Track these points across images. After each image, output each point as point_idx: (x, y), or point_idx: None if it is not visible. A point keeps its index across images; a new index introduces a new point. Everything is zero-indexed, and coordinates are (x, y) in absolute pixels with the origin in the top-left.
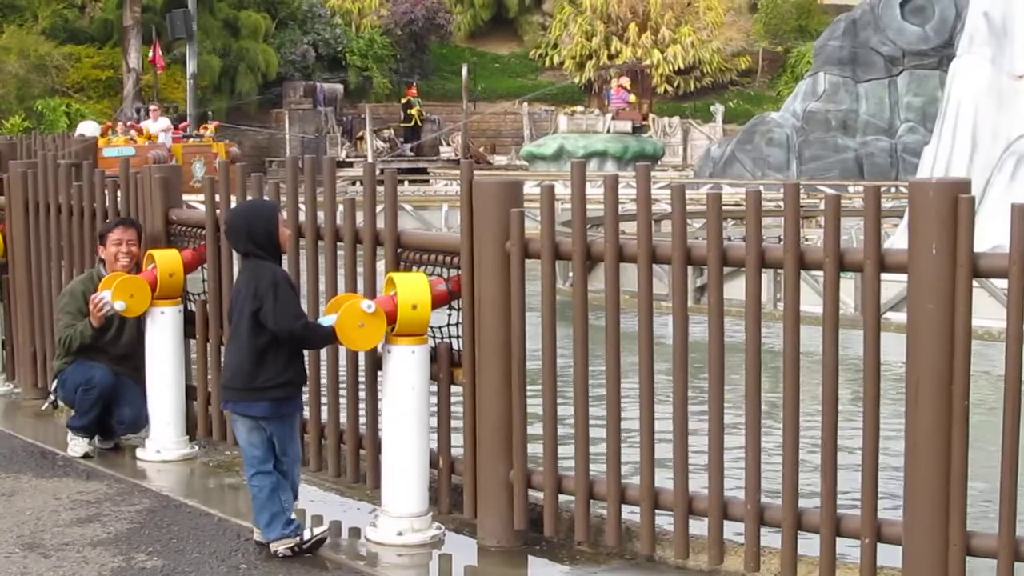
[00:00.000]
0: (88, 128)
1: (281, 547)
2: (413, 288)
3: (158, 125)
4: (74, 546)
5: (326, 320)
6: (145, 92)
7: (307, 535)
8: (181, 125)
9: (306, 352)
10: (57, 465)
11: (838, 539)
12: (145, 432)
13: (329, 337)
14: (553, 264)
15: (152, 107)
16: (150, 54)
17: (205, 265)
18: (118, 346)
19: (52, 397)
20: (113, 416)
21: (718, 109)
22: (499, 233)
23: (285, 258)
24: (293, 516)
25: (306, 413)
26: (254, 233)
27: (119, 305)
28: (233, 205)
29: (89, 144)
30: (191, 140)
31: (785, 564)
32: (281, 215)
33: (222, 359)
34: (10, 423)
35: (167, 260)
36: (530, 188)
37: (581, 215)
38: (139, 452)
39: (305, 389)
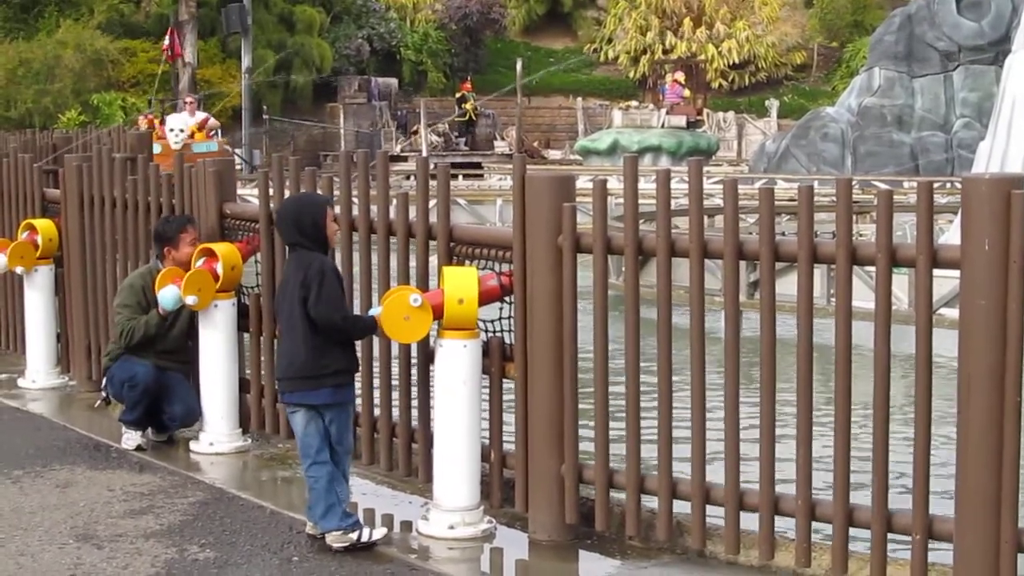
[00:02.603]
0: (176, 121)
1: (337, 543)
2: (461, 283)
3: (190, 120)
4: (127, 537)
5: (373, 311)
6: (201, 87)
7: (365, 535)
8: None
9: (358, 344)
10: (111, 457)
11: (889, 535)
12: (199, 425)
13: (371, 328)
14: (605, 259)
15: (188, 99)
16: (165, 41)
17: (257, 258)
18: (167, 341)
19: (104, 394)
20: (164, 413)
21: (773, 104)
22: (551, 228)
23: (339, 252)
24: (349, 510)
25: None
26: (302, 224)
27: (191, 299)
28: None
29: (144, 138)
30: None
31: (836, 560)
32: (331, 209)
33: (275, 352)
34: (65, 415)
35: (229, 254)
36: (583, 183)
37: (633, 210)
38: (192, 445)
39: (358, 383)
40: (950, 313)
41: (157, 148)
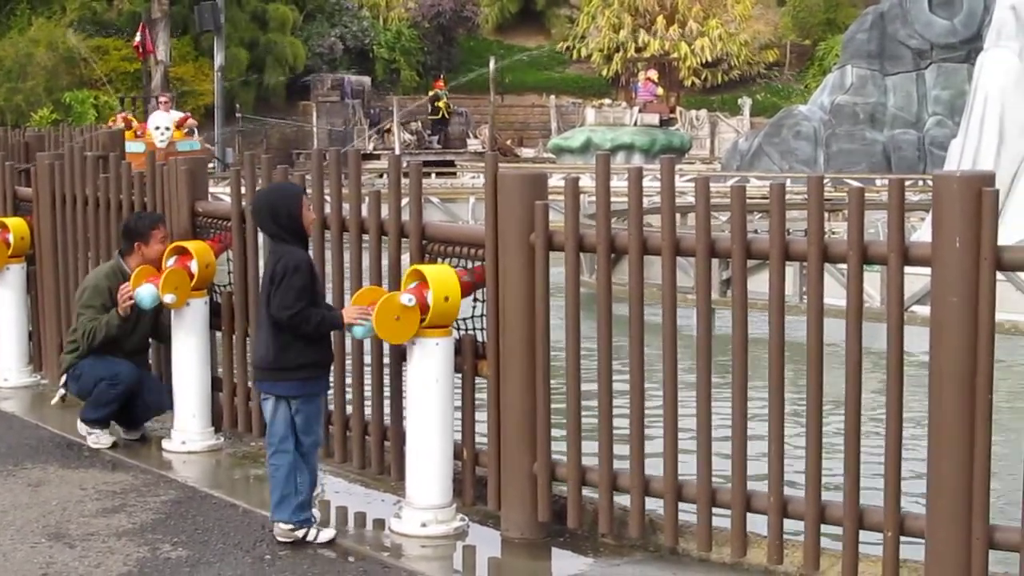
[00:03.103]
0: (160, 119)
1: (282, 536)
2: (444, 280)
3: (169, 118)
4: (99, 536)
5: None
6: (174, 85)
7: (312, 535)
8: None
9: (332, 337)
10: (83, 456)
11: (861, 532)
12: (171, 423)
13: (332, 326)
14: (578, 256)
15: (162, 97)
16: (137, 38)
17: (230, 256)
18: (132, 339)
19: (63, 391)
20: (137, 405)
21: (746, 102)
22: (524, 225)
23: (311, 250)
24: (307, 503)
25: (331, 405)
26: (277, 215)
27: (169, 298)
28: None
29: (117, 135)
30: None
31: (808, 557)
32: (306, 199)
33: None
34: (37, 414)
35: (203, 251)
36: (556, 181)
37: (606, 207)
38: (165, 443)
39: (330, 381)
40: (922, 310)
41: (140, 147)
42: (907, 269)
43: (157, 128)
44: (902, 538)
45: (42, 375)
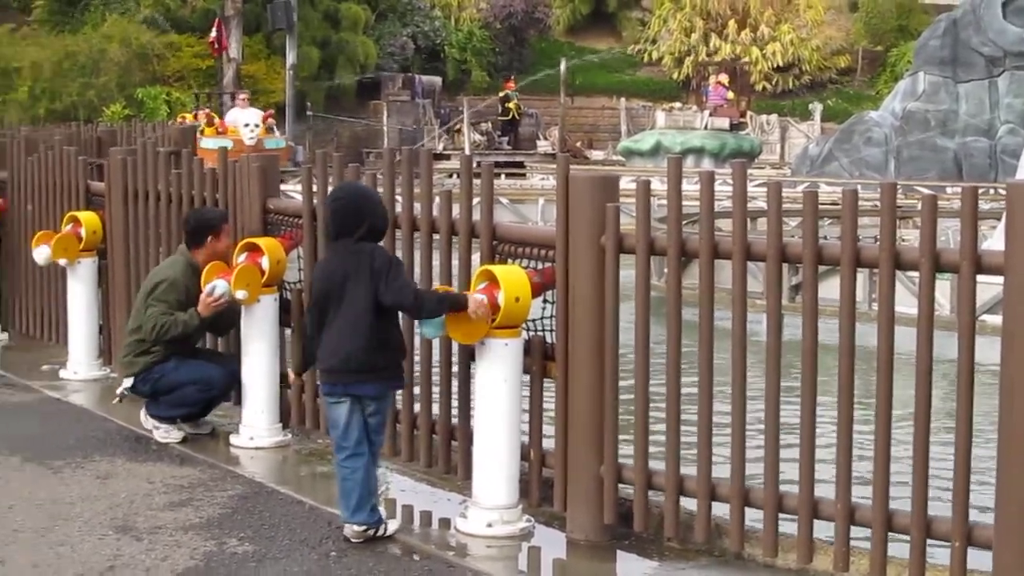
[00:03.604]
0: (249, 116)
1: (355, 536)
2: (515, 281)
3: (247, 116)
4: (166, 530)
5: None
6: (245, 83)
7: (381, 530)
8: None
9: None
10: (151, 449)
11: (929, 542)
12: (239, 418)
13: (447, 303)
14: (648, 259)
15: (241, 95)
16: (212, 34)
17: (300, 254)
18: (196, 336)
19: (126, 391)
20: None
21: (816, 107)
22: (594, 227)
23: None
24: (377, 503)
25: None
26: (377, 217)
27: (241, 294)
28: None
29: (188, 131)
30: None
31: (875, 565)
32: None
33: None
34: (105, 407)
35: (273, 248)
36: (626, 184)
37: (677, 211)
38: (232, 438)
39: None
40: (993, 319)
41: (225, 143)
42: (978, 278)
43: (247, 125)
44: (970, 548)
45: (111, 369)
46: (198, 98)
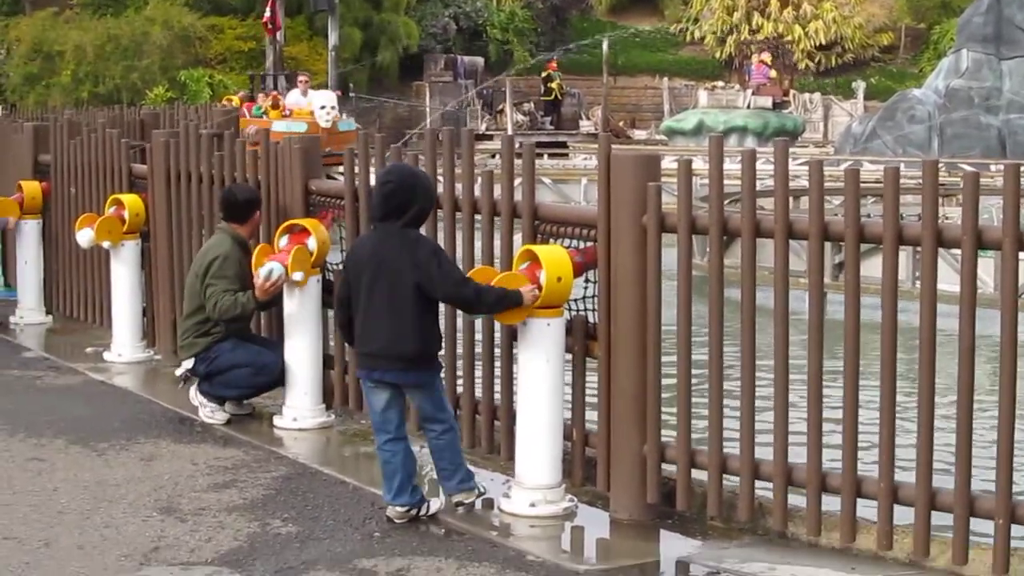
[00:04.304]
0: (325, 98)
1: (398, 517)
2: (557, 261)
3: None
4: (210, 511)
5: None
6: (288, 64)
7: (424, 509)
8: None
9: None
10: (195, 431)
11: (972, 519)
12: (282, 399)
13: (508, 300)
14: (690, 238)
15: (302, 77)
16: (267, 13)
17: (342, 235)
18: (247, 318)
19: (188, 371)
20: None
21: (859, 85)
22: (636, 207)
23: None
24: (419, 485)
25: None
26: (427, 201)
27: (298, 275)
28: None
29: (231, 114)
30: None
31: (918, 543)
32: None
33: (345, 331)
34: (150, 389)
35: (319, 229)
36: (668, 163)
37: (719, 190)
38: (276, 420)
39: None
40: None
41: (301, 126)
42: (1022, 255)
43: (323, 108)
44: (1014, 526)
45: (155, 351)
46: (252, 79)
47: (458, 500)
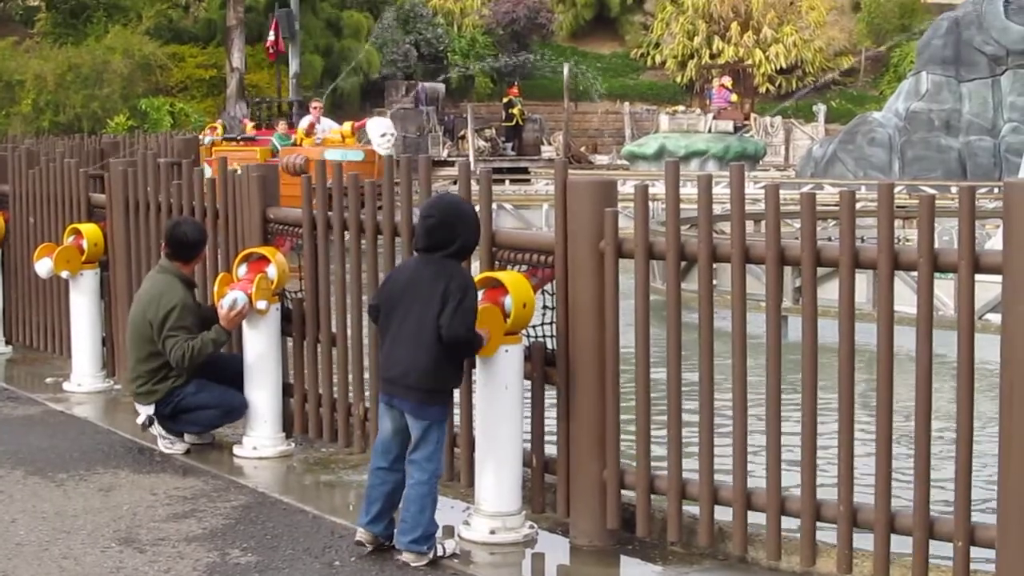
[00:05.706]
0: (383, 126)
1: (369, 541)
2: (521, 287)
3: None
4: (169, 541)
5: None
6: (249, 92)
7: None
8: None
9: None
10: (155, 461)
11: (931, 542)
12: (242, 429)
13: (477, 346)
14: (647, 263)
15: (315, 103)
16: (270, 36)
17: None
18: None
19: (150, 418)
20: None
21: (820, 109)
22: (593, 232)
23: (380, 256)
24: (394, 519)
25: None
26: (471, 234)
27: (262, 304)
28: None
29: (190, 142)
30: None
31: (878, 567)
32: None
33: (379, 353)
34: (109, 419)
35: (280, 258)
36: (627, 188)
37: (675, 214)
38: (236, 449)
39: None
40: (996, 319)
41: (358, 155)
42: (983, 277)
43: (383, 135)
44: (972, 548)
45: (115, 381)
46: (259, 106)
47: (403, 559)
